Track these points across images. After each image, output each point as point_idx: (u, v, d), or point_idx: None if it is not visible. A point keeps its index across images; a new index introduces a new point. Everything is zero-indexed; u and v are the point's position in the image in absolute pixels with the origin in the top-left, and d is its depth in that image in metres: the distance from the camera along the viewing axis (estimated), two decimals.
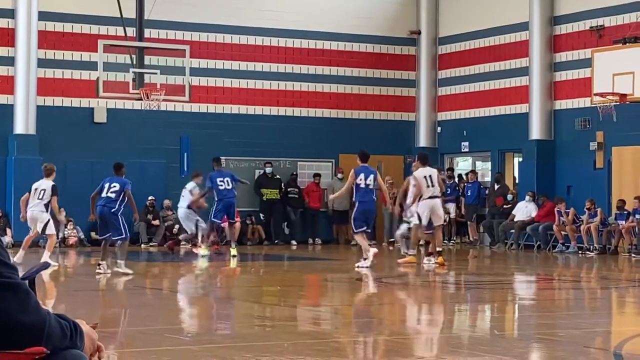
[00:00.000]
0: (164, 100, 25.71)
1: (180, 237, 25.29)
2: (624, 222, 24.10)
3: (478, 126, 28.98)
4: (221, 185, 22.13)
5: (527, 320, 12.99)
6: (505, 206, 27.15)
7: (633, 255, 23.04)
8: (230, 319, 13.11)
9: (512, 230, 26.02)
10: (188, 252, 25.43)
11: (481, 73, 29.60)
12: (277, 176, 28.31)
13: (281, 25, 28.90)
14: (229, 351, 9.05)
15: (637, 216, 23.74)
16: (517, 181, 30.38)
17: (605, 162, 25.51)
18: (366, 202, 19.06)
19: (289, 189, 28.05)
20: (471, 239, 27.00)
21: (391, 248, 28.05)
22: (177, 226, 27.16)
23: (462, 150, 29.70)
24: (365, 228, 19.52)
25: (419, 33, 30.44)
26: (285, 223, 28.29)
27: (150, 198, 26.65)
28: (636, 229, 23.73)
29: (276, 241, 27.55)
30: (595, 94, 23.50)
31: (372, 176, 18.98)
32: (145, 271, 19.81)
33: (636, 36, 23.51)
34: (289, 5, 29.17)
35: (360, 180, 18.23)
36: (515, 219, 25.41)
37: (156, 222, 27.20)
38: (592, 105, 24.02)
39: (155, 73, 25.61)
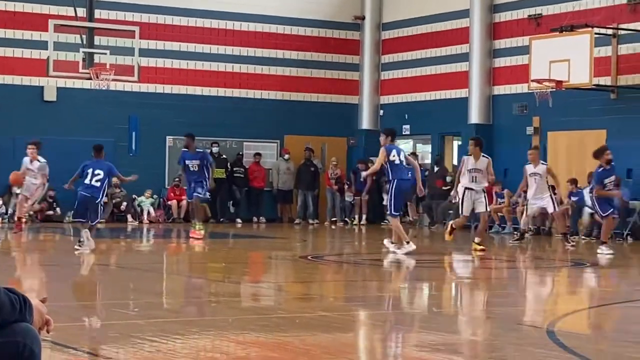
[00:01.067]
0: (114, 80, 25.90)
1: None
2: None
3: (419, 110, 29.25)
4: (191, 167, 20.97)
5: (464, 298, 13.10)
6: (444, 188, 27.38)
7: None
8: (176, 294, 13.11)
9: (451, 211, 26.14)
10: (135, 229, 25.43)
11: (423, 58, 29.82)
12: (224, 156, 28.45)
13: (229, 8, 29.03)
14: (174, 326, 9.01)
15: (572, 198, 23.94)
16: (456, 164, 30.73)
17: (541, 146, 25.85)
18: (405, 180, 17.87)
19: (234, 169, 28.23)
20: (411, 219, 27.10)
21: (333, 227, 28.31)
22: (124, 203, 27.10)
23: (404, 133, 29.68)
24: (401, 212, 18.62)
25: (363, 18, 30.67)
26: (231, 202, 28.42)
27: None
28: (569, 211, 24.02)
29: (222, 219, 27.73)
30: (532, 80, 23.93)
31: (402, 153, 18.12)
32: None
33: (572, 25, 23.89)
34: None
35: (394, 157, 17.28)
36: (454, 201, 25.64)
37: (104, 200, 27.32)
38: (529, 91, 24.47)
39: (105, 53, 25.85)
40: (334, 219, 29.45)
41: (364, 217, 28.86)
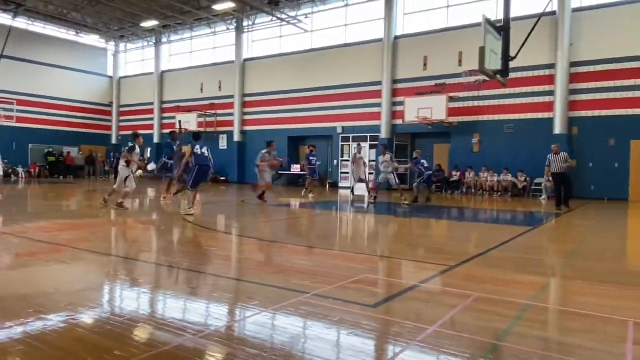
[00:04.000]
0: (5, 121, 32.83)
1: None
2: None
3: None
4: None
5: (197, 211, 12.33)
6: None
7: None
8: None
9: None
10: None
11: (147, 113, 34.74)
12: (54, 152, 33.49)
13: (58, 95, 35.03)
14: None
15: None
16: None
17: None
18: (203, 165, 12.93)
19: (59, 157, 33.63)
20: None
21: (103, 179, 30.97)
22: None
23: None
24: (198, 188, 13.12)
25: (112, 103, 37.86)
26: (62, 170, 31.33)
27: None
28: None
29: (59, 176, 31.06)
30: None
31: (205, 148, 13.11)
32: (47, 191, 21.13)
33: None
34: (63, 86, 34.95)
35: (197, 150, 12.84)
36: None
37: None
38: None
39: (5, 109, 32.57)
40: (101, 176, 33.66)
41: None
